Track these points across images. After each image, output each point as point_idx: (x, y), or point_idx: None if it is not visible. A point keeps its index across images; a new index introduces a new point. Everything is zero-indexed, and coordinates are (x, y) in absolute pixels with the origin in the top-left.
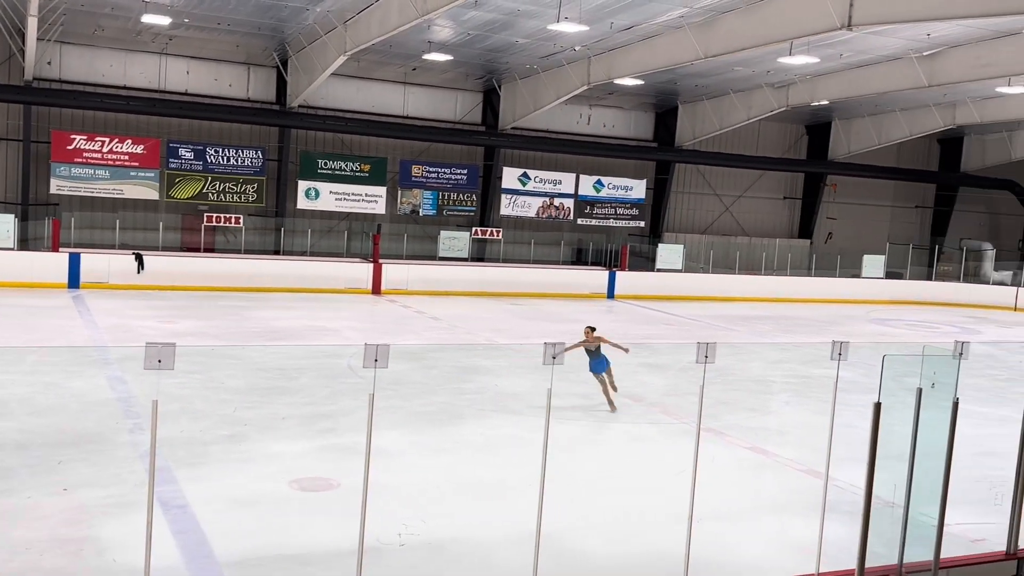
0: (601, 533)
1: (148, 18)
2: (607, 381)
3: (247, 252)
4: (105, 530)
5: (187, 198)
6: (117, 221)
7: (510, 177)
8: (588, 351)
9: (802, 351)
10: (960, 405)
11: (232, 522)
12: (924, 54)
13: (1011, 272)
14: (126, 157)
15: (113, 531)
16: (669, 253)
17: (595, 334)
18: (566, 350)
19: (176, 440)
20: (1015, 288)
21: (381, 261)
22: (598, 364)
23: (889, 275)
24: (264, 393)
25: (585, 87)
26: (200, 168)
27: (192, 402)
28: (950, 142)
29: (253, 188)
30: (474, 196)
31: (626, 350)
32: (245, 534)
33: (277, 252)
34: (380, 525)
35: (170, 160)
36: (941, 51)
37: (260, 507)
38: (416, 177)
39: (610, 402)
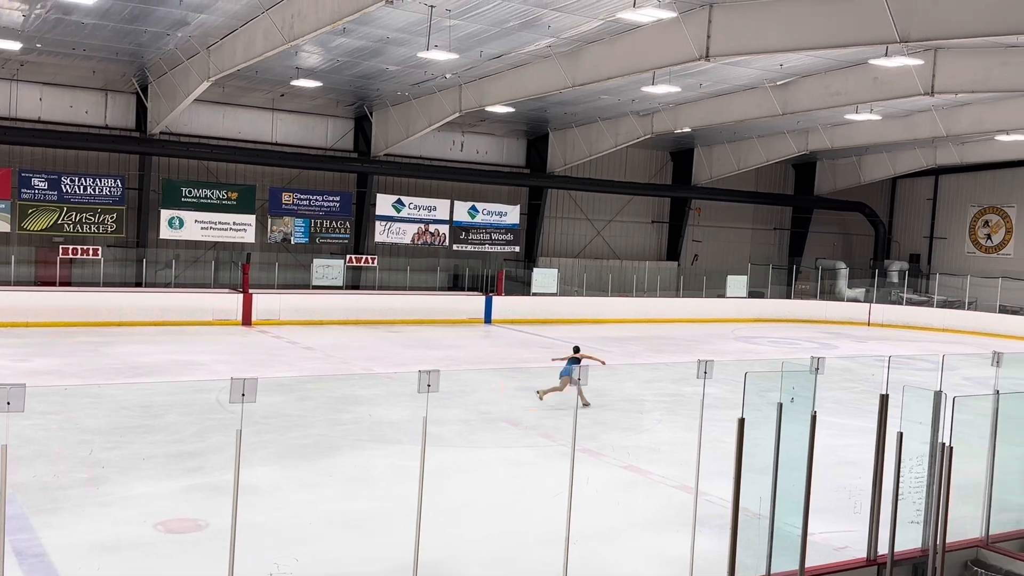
0: (480, 559)
1: None
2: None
3: (107, 285)
4: None
5: (41, 230)
6: None
7: (384, 204)
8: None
9: (673, 370)
10: (820, 417)
11: (93, 569)
12: (778, 84)
13: (864, 289)
14: None
15: None
16: (544, 277)
17: (579, 353)
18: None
19: (31, 485)
20: (868, 304)
21: (251, 291)
22: (568, 368)
23: (752, 294)
24: (126, 432)
25: (457, 114)
26: (55, 198)
27: (48, 444)
28: (804, 167)
29: (112, 218)
30: (347, 223)
31: (602, 362)
32: None
33: (139, 284)
34: (251, 566)
35: (22, 190)
36: (793, 81)
37: (123, 552)
38: (287, 205)
39: (581, 399)
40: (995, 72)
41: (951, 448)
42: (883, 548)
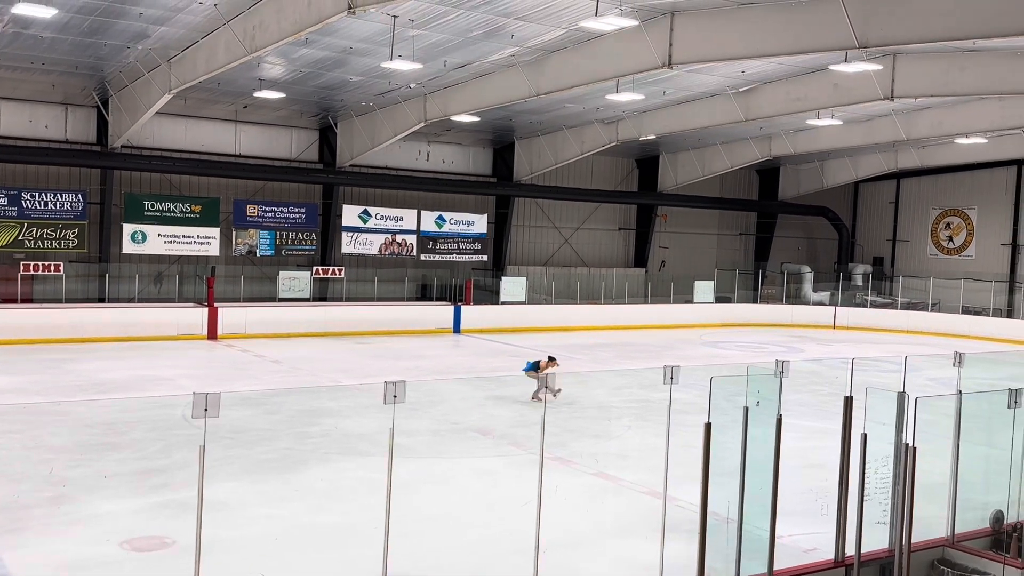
0: (450, 570)
1: None
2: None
3: (69, 301)
4: None
5: (1, 246)
6: None
7: (350, 215)
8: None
9: (641, 376)
10: (787, 420)
11: None
12: (740, 90)
13: (828, 293)
14: None
15: None
16: (512, 286)
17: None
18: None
19: None
20: (832, 307)
21: (217, 305)
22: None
23: (719, 299)
24: (90, 450)
25: (422, 124)
26: (15, 214)
27: (10, 464)
28: (768, 172)
29: (74, 233)
30: (314, 235)
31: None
32: None
33: (102, 300)
34: None
35: None
36: (756, 87)
37: (89, 571)
38: (252, 217)
39: (550, 390)
40: (953, 76)
41: (915, 448)
42: (850, 549)
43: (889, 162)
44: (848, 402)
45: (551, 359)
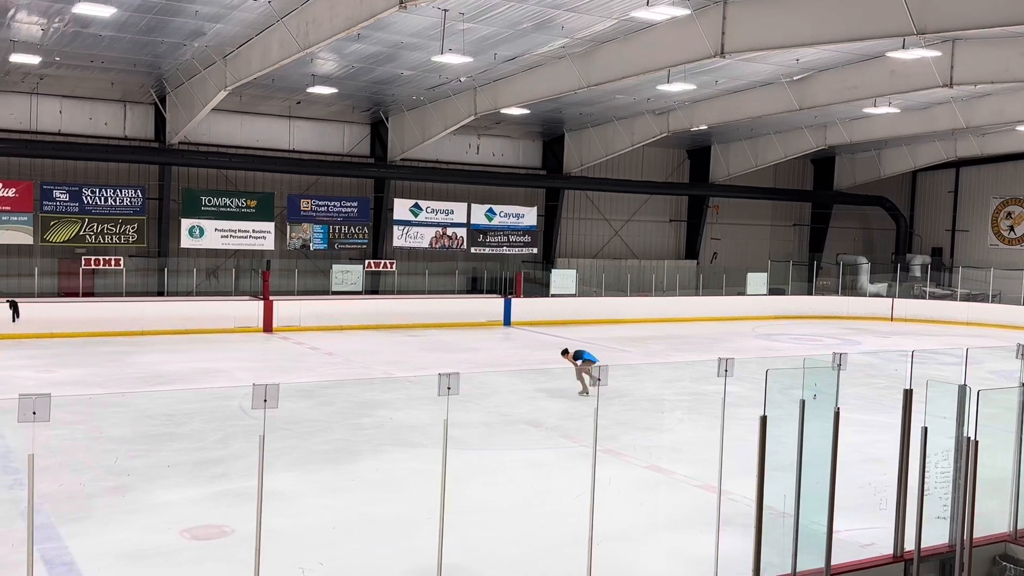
0: (503, 562)
1: (17, 57)
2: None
3: (129, 295)
4: None
5: (63, 241)
6: None
7: (401, 208)
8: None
9: (693, 368)
10: (843, 413)
11: None
12: (794, 79)
13: (885, 284)
14: None
15: None
16: (562, 278)
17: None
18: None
19: (58, 495)
20: (890, 299)
21: (272, 298)
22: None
23: (772, 291)
24: (150, 441)
25: (472, 117)
26: (76, 210)
27: (74, 454)
28: (823, 162)
29: (133, 228)
30: (366, 228)
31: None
32: None
33: (161, 293)
34: (277, 571)
35: (44, 203)
36: (810, 76)
37: (150, 559)
38: (305, 211)
39: (584, 388)
40: (1014, 63)
41: (976, 442)
42: (910, 544)
43: (948, 150)
44: (908, 395)
45: (570, 354)
